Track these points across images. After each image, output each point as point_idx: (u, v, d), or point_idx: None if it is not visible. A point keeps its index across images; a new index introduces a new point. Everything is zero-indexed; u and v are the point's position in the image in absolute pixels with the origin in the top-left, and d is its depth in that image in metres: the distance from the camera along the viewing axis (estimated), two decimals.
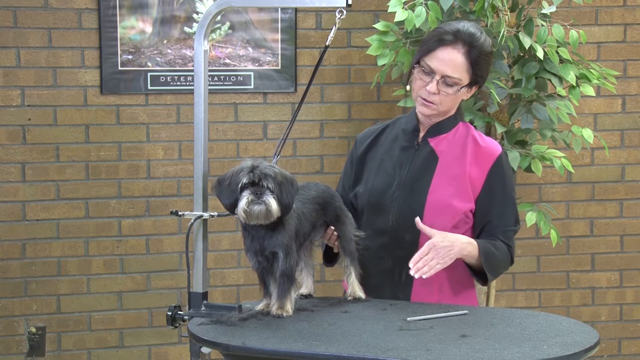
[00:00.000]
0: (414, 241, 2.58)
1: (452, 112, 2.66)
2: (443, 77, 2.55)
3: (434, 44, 2.57)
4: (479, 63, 2.57)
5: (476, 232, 2.65)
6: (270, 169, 2.30)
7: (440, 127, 2.66)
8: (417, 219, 2.53)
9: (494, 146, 2.65)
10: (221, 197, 2.34)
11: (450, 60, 2.55)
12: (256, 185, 2.29)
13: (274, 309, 2.36)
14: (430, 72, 2.56)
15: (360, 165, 2.75)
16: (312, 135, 4.37)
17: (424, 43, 2.60)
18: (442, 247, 2.49)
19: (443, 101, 2.59)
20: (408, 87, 2.69)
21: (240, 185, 2.29)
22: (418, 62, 2.59)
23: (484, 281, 2.63)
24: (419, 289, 2.61)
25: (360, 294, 2.56)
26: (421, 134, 2.67)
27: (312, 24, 4.32)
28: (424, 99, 2.59)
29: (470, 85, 2.60)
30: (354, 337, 2.17)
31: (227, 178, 2.33)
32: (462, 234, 2.60)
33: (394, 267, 2.62)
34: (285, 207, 2.31)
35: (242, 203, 2.28)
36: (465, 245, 2.54)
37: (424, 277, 2.46)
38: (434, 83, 2.56)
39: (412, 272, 2.46)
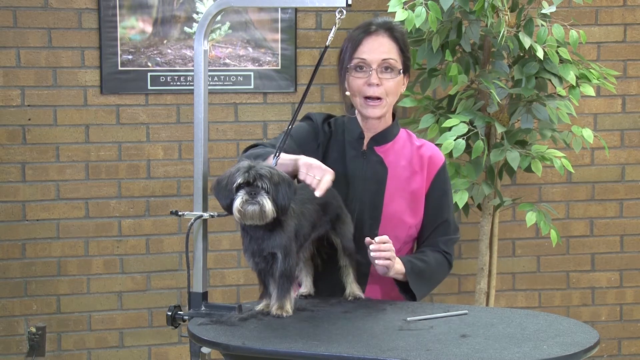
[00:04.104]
0: (367, 261, 2.58)
1: (390, 115, 2.68)
2: (380, 64, 2.59)
3: (359, 37, 2.62)
4: (405, 42, 2.64)
5: (423, 237, 2.67)
6: (266, 170, 2.29)
7: (383, 136, 2.68)
8: (367, 238, 2.53)
9: (437, 155, 2.70)
10: (219, 197, 2.34)
11: (380, 45, 2.61)
12: (251, 186, 2.29)
13: (273, 309, 2.35)
14: (366, 65, 2.61)
15: None
16: None
17: (348, 41, 2.64)
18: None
19: (388, 90, 2.61)
20: (348, 93, 2.69)
21: (235, 185, 2.29)
22: (350, 62, 2.63)
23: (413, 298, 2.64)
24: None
25: (360, 293, 2.56)
26: (365, 141, 2.68)
27: (312, 24, 4.32)
28: (369, 98, 2.61)
29: (404, 71, 2.64)
30: (354, 337, 2.17)
31: (224, 178, 2.33)
32: (409, 248, 2.68)
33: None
34: (281, 208, 2.30)
35: (237, 203, 2.28)
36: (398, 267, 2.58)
37: (378, 262, 2.49)
38: (374, 73, 2.60)
39: (372, 248, 2.48)
